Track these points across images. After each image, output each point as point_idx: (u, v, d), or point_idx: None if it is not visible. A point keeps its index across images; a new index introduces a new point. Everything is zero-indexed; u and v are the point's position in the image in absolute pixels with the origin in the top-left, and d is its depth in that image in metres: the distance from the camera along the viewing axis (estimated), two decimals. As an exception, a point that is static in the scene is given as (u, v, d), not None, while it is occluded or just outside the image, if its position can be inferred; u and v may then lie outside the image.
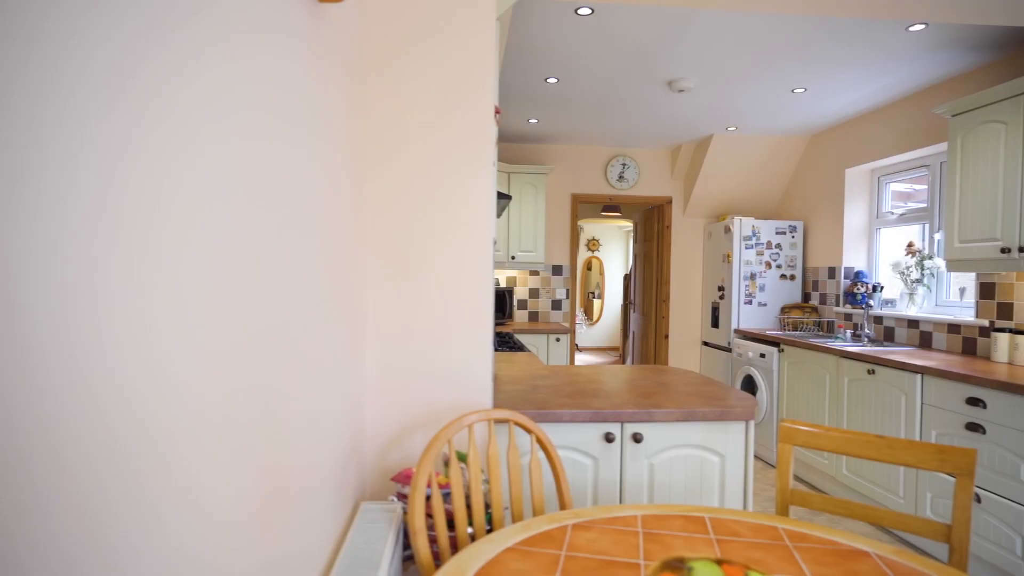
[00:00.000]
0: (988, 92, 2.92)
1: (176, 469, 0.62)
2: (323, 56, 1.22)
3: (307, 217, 1.12)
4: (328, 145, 1.29)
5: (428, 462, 1.37)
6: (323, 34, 1.24)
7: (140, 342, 0.56)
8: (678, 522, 1.44)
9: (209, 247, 0.69)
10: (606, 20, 2.83)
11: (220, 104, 0.72)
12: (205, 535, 0.69)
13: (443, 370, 1.76)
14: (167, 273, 0.60)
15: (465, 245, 1.75)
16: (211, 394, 0.70)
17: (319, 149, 1.21)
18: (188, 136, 0.64)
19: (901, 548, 1.76)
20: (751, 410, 1.97)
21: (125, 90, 0.53)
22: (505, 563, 1.23)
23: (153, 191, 0.57)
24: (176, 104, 0.62)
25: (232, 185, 0.76)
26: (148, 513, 0.58)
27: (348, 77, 1.50)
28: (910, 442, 1.50)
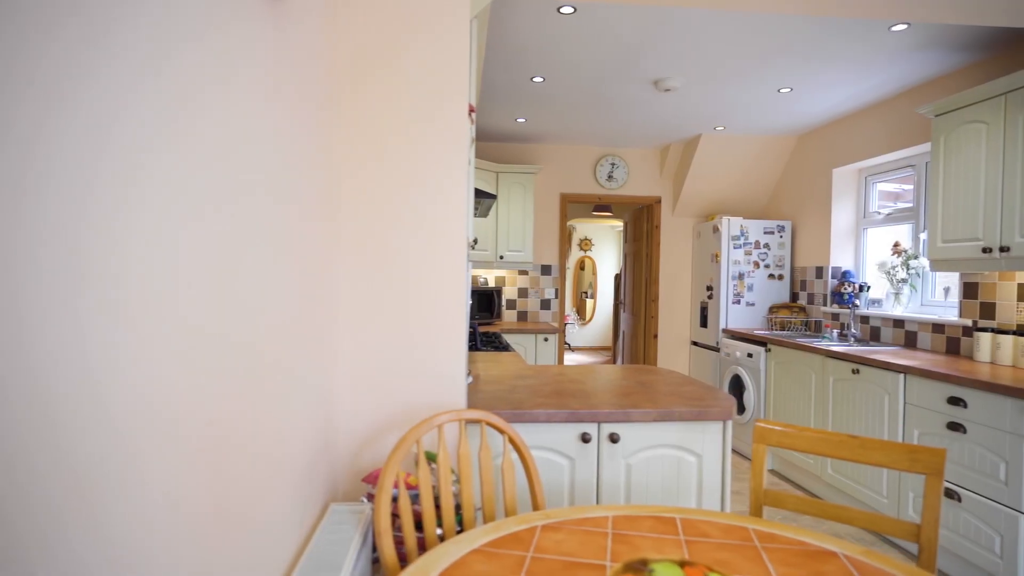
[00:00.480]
0: (970, 92, 2.93)
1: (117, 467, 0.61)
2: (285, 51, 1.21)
3: (274, 218, 1.11)
4: (298, 146, 1.28)
5: (394, 463, 1.36)
6: (287, 31, 1.23)
7: (76, 335, 0.54)
8: (648, 523, 1.43)
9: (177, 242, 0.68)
10: (589, 19, 2.82)
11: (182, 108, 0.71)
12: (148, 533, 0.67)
13: (417, 370, 1.75)
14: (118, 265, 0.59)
15: (440, 245, 1.74)
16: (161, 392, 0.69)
17: (290, 154, 1.20)
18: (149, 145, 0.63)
19: (872, 549, 1.75)
20: (728, 410, 1.96)
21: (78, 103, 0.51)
22: (470, 565, 1.21)
23: (121, 192, 0.56)
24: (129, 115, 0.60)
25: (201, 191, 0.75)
26: (89, 514, 0.56)
27: (318, 79, 1.48)
28: (882, 442, 1.50)
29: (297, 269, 1.31)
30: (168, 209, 0.73)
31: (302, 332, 1.34)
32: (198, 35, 0.81)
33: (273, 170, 1.14)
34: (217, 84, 0.87)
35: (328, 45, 1.60)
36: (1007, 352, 2.95)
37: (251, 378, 1.01)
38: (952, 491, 2.69)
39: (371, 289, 1.73)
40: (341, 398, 1.72)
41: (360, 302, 1.72)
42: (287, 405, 1.22)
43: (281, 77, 1.18)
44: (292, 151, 1.26)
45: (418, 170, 1.72)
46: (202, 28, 0.82)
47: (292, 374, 1.26)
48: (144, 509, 0.68)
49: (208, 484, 0.85)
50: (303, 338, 1.35)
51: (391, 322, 1.73)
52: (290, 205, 1.25)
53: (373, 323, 1.73)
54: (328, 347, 1.62)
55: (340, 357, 1.72)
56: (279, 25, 1.17)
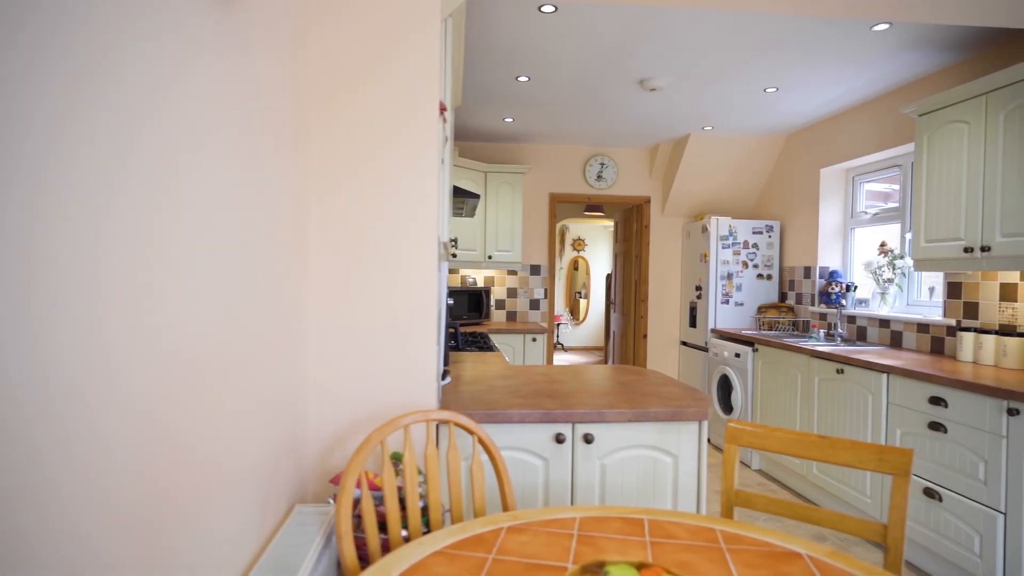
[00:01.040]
0: (952, 92, 2.93)
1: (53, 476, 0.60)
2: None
3: (239, 219, 1.10)
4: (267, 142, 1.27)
5: (357, 464, 1.34)
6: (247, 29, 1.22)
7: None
8: (616, 524, 1.42)
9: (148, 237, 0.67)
10: (570, 18, 2.81)
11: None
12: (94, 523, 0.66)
13: (387, 371, 1.74)
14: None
15: (410, 247, 1.73)
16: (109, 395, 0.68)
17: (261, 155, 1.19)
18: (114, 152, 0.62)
19: (839, 551, 1.75)
20: (704, 411, 1.95)
21: None
22: (430, 567, 1.20)
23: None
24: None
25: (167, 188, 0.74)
26: None
27: (285, 85, 1.47)
28: (851, 442, 1.49)
29: (260, 269, 1.29)
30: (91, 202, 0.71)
31: (263, 336, 1.33)
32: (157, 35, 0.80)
33: (236, 168, 1.13)
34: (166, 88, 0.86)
35: (299, 45, 1.58)
36: (989, 352, 2.95)
37: (194, 381, 1.00)
38: (933, 491, 2.69)
39: (340, 290, 1.72)
40: (310, 399, 1.71)
41: (330, 303, 1.71)
42: (242, 407, 1.21)
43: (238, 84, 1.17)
44: (254, 154, 1.25)
45: (386, 170, 1.70)
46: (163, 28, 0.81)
47: (250, 376, 1.24)
48: (67, 508, 0.67)
49: (140, 489, 0.84)
50: (264, 341, 1.34)
51: (361, 323, 1.72)
52: (258, 203, 1.24)
53: (343, 325, 1.72)
54: (296, 348, 1.60)
55: (309, 358, 1.70)
56: (235, 21, 1.16)
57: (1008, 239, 2.65)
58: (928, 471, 2.73)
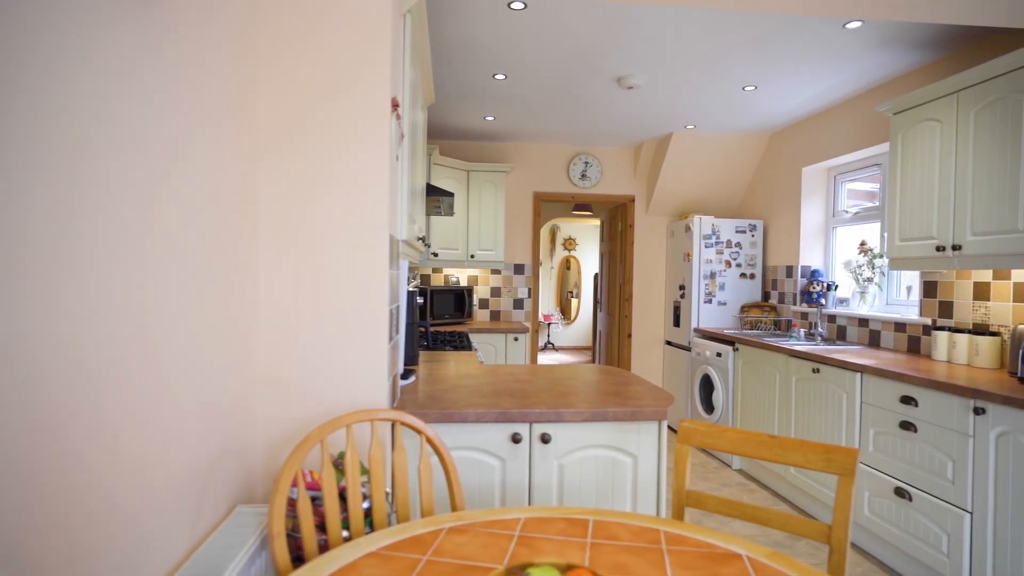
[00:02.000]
0: (925, 90, 2.92)
1: None
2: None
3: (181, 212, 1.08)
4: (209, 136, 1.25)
5: (294, 463, 1.33)
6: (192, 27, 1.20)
7: None
8: (560, 525, 1.40)
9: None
10: (541, 16, 2.80)
11: None
12: None
13: (338, 370, 1.72)
14: None
15: (359, 246, 1.70)
16: None
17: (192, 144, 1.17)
18: None
19: (779, 551, 1.74)
20: (663, 411, 1.94)
21: None
22: (361, 569, 1.19)
23: None
24: None
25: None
26: None
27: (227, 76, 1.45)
28: (800, 442, 1.48)
29: (201, 269, 1.27)
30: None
31: (201, 337, 1.31)
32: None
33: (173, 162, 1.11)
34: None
35: (243, 39, 1.56)
36: (962, 351, 2.94)
37: (113, 382, 0.98)
38: (904, 490, 2.68)
39: (290, 290, 1.70)
40: (260, 400, 1.68)
41: (280, 303, 1.69)
42: (176, 408, 1.19)
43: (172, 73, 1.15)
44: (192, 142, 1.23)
45: (335, 168, 1.68)
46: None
47: (186, 377, 1.22)
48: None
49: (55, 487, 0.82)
50: (204, 342, 1.32)
51: (310, 323, 1.70)
52: (196, 198, 1.22)
53: (292, 325, 1.70)
54: (245, 349, 1.58)
55: (259, 359, 1.68)
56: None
57: (978, 238, 2.64)
58: (899, 470, 2.72)
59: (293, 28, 1.66)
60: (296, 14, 1.67)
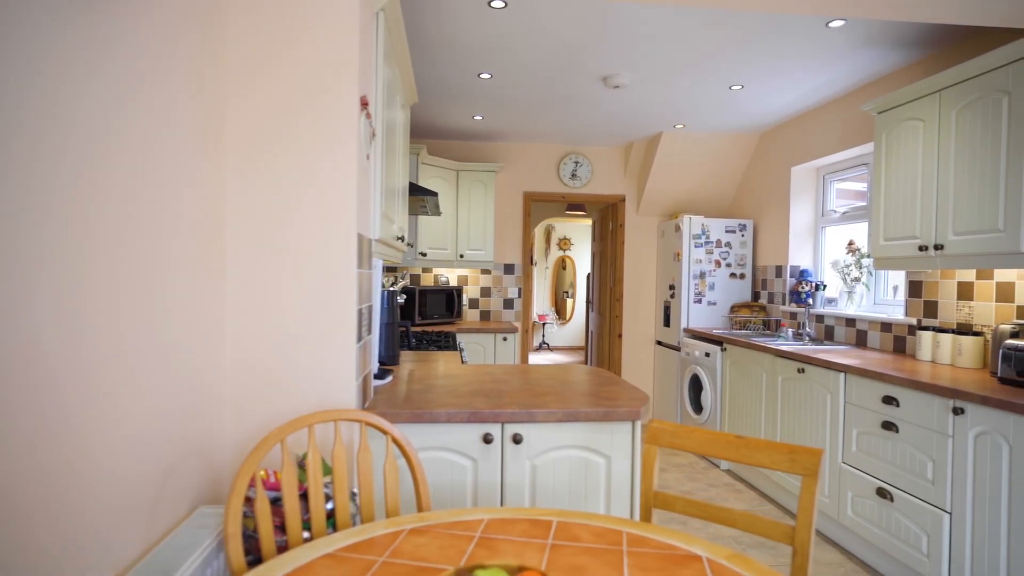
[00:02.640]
0: (908, 89, 2.91)
1: None
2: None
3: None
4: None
5: (252, 463, 1.32)
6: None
7: None
8: (522, 526, 1.39)
9: None
10: (522, 14, 2.79)
11: None
12: None
13: (306, 370, 1.71)
14: None
15: (325, 246, 1.69)
16: None
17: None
18: None
19: (741, 553, 1.73)
20: (637, 411, 1.93)
21: None
22: (315, 570, 1.18)
23: None
24: None
25: None
26: None
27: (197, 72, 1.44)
28: (766, 443, 1.47)
29: (160, 269, 1.26)
30: None
31: (160, 338, 1.30)
32: None
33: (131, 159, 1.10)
34: None
35: (215, 38, 1.56)
36: (946, 351, 2.93)
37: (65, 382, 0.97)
38: (885, 491, 2.67)
39: (258, 289, 1.69)
40: (227, 399, 1.67)
41: (247, 302, 1.68)
42: (130, 407, 1.18)
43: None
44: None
45: (301, 167, 1.67)
46: None
47: (141, 377, 1.21)
48: None
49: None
50: (163, 344, 1.31)
51: (277, 322, 1.69)
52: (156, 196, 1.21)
53: (258, 324, 1.68)
54: (209, 349, 1.57)
55: (226, 358, 1.67)
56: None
57: (960, 237, 2.63)
58: (881, 471, 2.71)
59: (260, 23, 1.65)
60: (264, 9, 1.66)
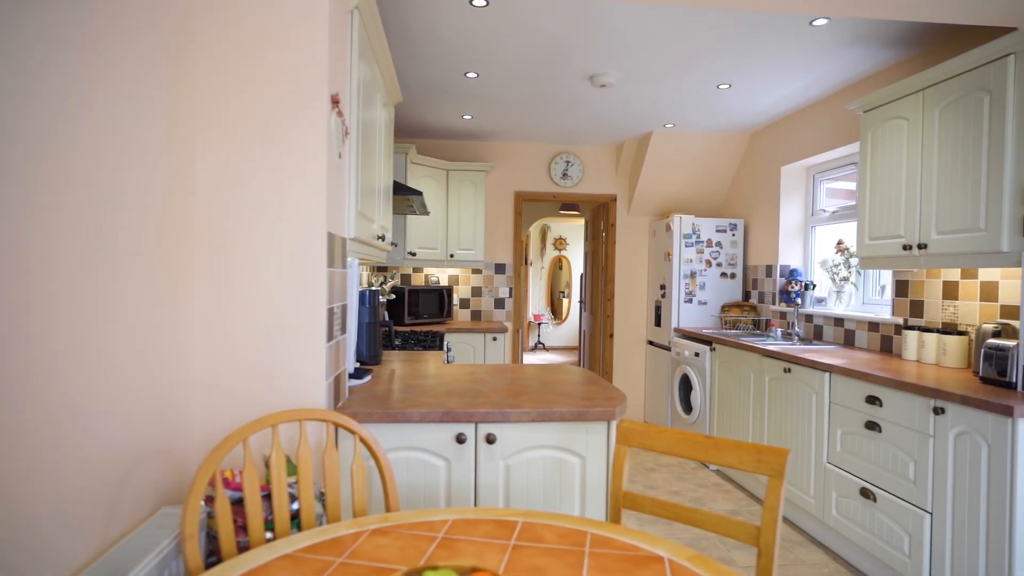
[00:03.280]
0: (892, 88, 2.90)
1: None
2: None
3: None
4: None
5: (211, 464, 1.31)
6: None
7: None
8: (487, 527, 1.38)
9: None
10: (505, 12, 2.77)
11: None
12: None
13: (276, 370, 1.70)
14: None
15: (294, 246, 1.68)
16: None
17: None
18: None
19: (703, 554, 1.72)
20: (612, 411, 1.92)
21: None
22: (271, 571, 1.17)
23: None
24: None
25: None
26: None
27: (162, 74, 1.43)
28: (734, 443, 1.46)
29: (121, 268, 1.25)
30: None
31: (122, 334, 1.29)
32: None
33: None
34: None
35: (182, 35, 1.55)
36: (931, 350, 2.92)
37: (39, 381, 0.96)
38: (869, 491, 2.66)
39: (228, 288, 1.68)
40: (196, 399, 1.66)
41: (216, 302, 1.67)
42: (86, 408, 1.17)
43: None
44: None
45: (269, 164, 1.66)
46: None
47: (91, 375, 1.21)
48: None
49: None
50: (120, 344, 1.30)
51: (245, 322, 1.68)
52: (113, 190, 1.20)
53: (226, 323, 1.67)
54: (175, 348, 1.56)
55: (195, 358, 1.66)
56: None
57: (943, 236, 2.62)
58: (865, 471, 2.70)
59: (228, 21, 1.64)
60: (232, 7, 1.65)
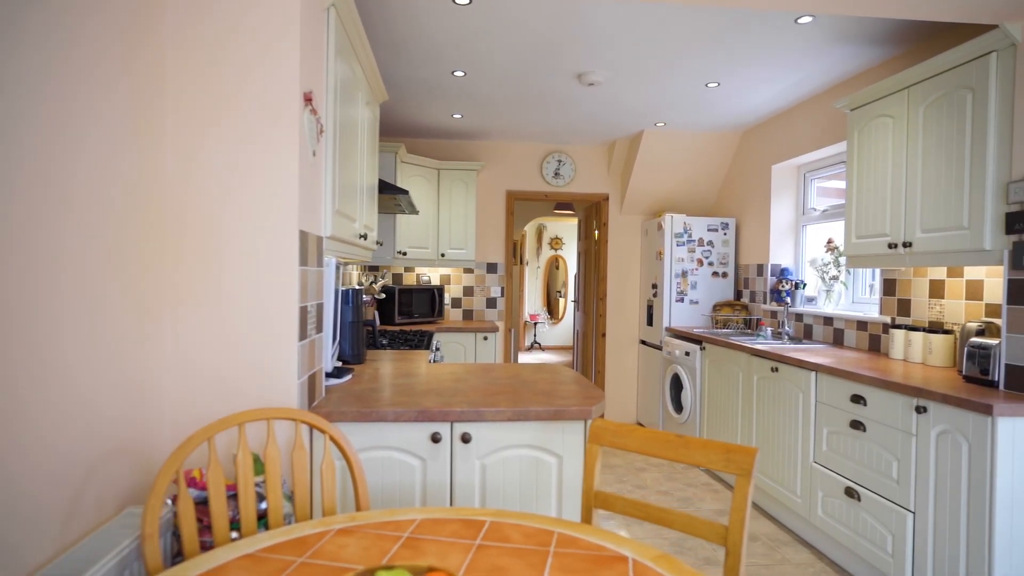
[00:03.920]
0: (878, 86, 2.89)
1: None
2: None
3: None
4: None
5: (173, 463, 1.30)
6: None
7: None
8: (454, 526, 1.38)
9: None
10: (489, 10, 2.76)
11: None
12: None
13: (248, 369, 1.69)
14: None
15: (264, 245, 1.67)
16: None
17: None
18: None
19: (668, 554, 1.71)
20: (588, 410, 1.91)
21: None
22: (230, 571, 1.16)
23: None
24: None
25: None
26: None
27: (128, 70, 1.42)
28: (703, 441, 1.45)
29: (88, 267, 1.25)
30: None
31: (88, 332, 1.29)
32: None
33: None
34: None
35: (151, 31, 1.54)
36: (917, 349, 2.91)
37: None
38: (853, 490, 2.65)
39: (197, 283, 1.67)
40: (166, 398, 1.66)
41: (187, 300, 1.66)
42: (32, 408, 1.16)
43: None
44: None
45: (240, 163, 1.65)
46: None
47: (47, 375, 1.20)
48: None
49: None
50: (85, 339, 1.29)
51: (216, 321, 1.67)
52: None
53: (197, 322, 1.67)
54: (144, 347, 1.56)
55: (165, 356, 1.65)
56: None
57: (927, 235, 2.61)
58: (849, 470, 2.69)
59: (199, 17, 1.64)
60: (202, 3, 1.64)
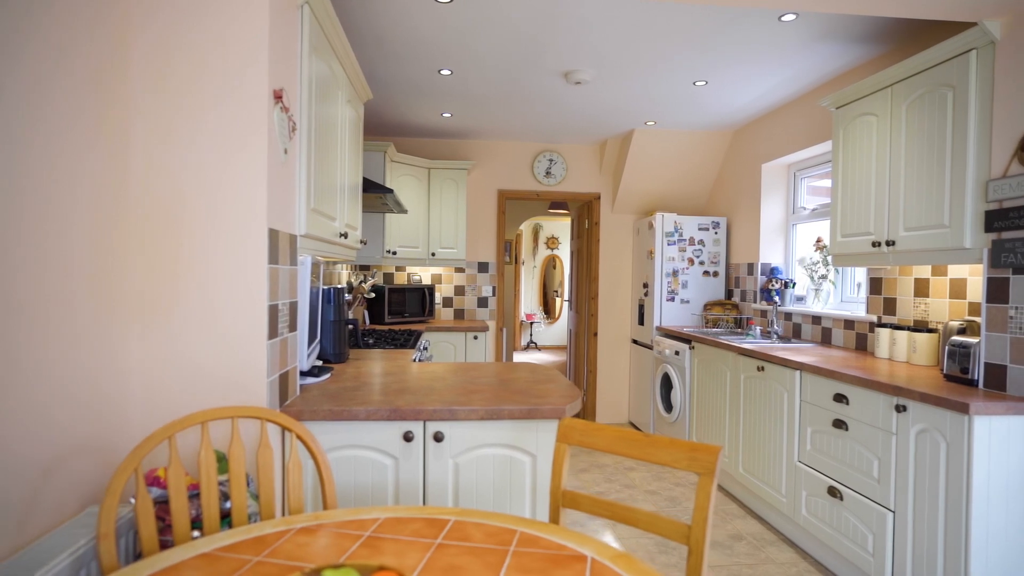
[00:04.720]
0: (862, 84, 2.88)
1: None
2: None
3: None
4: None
5: (131, 461, 1.29)
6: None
7: None
8: (417, 525, 1.37)
9: None
10: (473, 8, 2.75)
11: None
12: None
13: (218, 367, 1.68)
14: None
15: (233, 242, 1.67)
16: None
17: None
18: None
19: (627, 553, 1.70)
20: (562, 409, 1.90)
21: None
22: (184, 570, 1.15)
23: None
24: None
25: None
26: None
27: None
28: (669, 440, 1.44)
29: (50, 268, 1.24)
30: None
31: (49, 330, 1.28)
32: None
33: None
34: None
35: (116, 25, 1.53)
36: (902, 348, 2.90)
37: None
38: (836, 489, 2.64)
39: (166, 281, 1.66)
40: (134, 396, 1.65)
41: (153, 294, 1.66)
42: None
43: None
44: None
45: (206, 160, 1.65)
46: None
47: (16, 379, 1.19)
48: None
49: None
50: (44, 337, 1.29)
51: (186, 317, 1.66)
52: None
53: (167, 318, 1.66)
54: (110, 345, 1.55)
55: (132, 355, 1.65)
56: None
57: (910, 233, 2.60)
58: (832, 469, 2.68)
59: (165, 14, 1.63)
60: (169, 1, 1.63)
